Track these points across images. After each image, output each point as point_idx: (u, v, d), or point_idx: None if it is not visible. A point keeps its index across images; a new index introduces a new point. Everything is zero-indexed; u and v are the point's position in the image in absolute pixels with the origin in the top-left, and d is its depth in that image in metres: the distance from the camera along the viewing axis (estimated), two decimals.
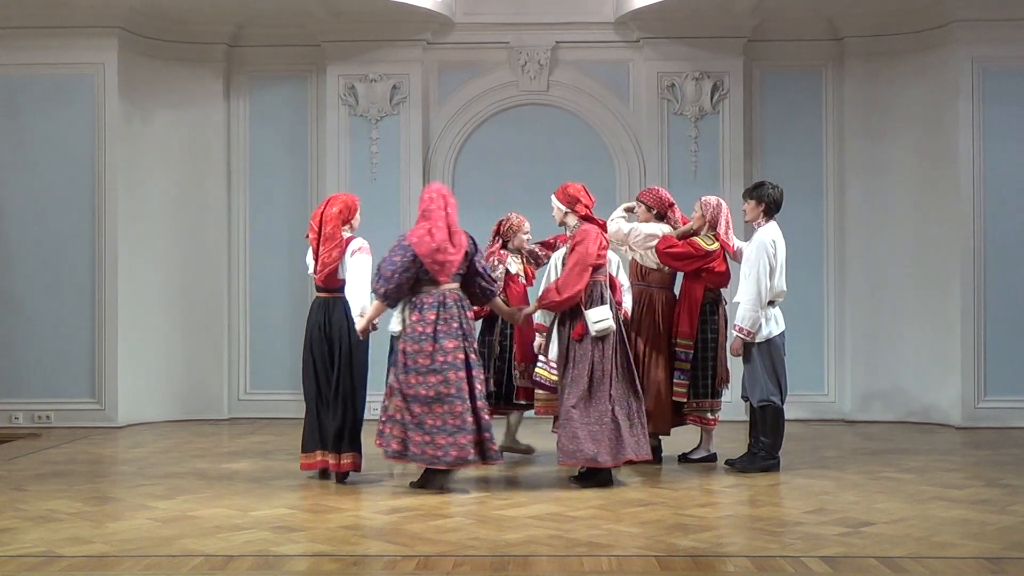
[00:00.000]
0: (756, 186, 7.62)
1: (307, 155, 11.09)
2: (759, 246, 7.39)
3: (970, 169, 10.22)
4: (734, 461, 7.57)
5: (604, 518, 5.94)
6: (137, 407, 10.51)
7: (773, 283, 7.37)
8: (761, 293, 7.33)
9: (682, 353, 7.65)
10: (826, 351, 10.79)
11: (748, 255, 7.49)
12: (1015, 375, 10.14)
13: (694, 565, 4.91)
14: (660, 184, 10.54)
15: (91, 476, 7.52)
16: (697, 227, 7.76)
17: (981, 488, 6.86)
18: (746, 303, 7.39)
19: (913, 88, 10.63)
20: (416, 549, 5.20)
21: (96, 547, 5.27)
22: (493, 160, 10.93)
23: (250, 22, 10.99)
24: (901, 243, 10.66)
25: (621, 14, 10.76)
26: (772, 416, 7.43)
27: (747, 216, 7.63)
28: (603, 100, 10.99)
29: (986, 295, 10.21)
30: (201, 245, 10.98)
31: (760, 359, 7.42)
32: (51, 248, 10.39)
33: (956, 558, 5.01)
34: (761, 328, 7.37)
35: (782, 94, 10.95)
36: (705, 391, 7.71)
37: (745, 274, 7.45)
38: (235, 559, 5.01)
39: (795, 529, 5.66)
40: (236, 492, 6.75)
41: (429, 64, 11.02)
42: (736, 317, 7.49)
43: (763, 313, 7.37)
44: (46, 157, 10.40)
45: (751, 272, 7.38)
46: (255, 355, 11.08)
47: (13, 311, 10.39)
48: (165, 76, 10.87)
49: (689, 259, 7.64)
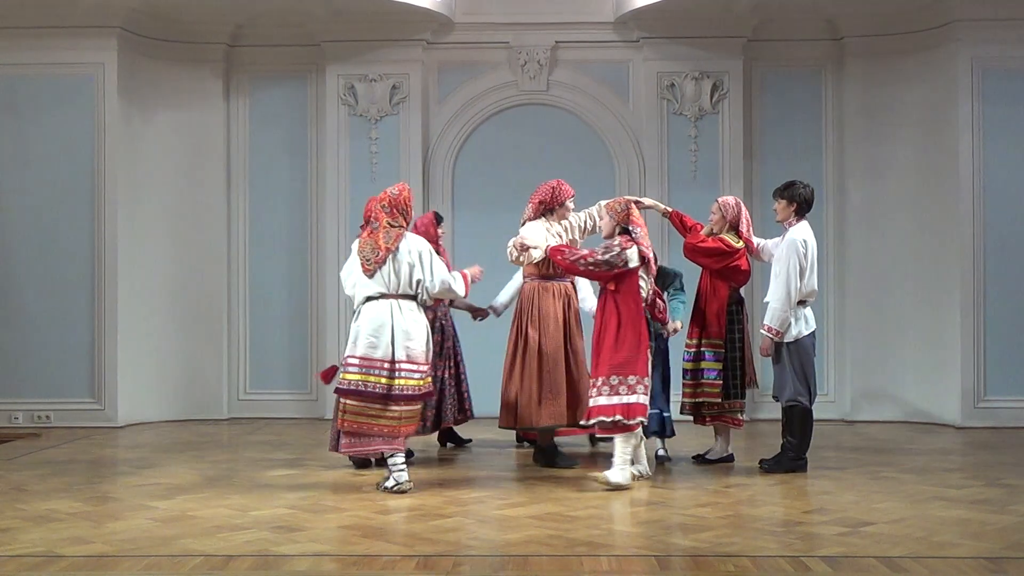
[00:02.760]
0: (787, 185, 7.55)
1: (307, 155, 11.10)
2: (789, 245, 7.36)
3: (970, 169, 10.22)
4: (764, 460, 7.58)
5: (604, 518, 5.94)
6: (137, 407, 10.51)
7: (803, 283, 7.34)
8: (791, 293, 7.30)
9: (713, 354, 7.61)
10: (826, 351, 10.77)
11: (779, 255, 7.45)
12: (1015, 375, 10.15)
13: (694, 565, 4.91)
14: (660, 184, 10.60)
15: (91, 476, 7.52)
16: (716, 229, 7.72)
17: (981, 488, 6.85)
18: (775, 303, 7.36)
19: (913, 88, 10.63)
20: (416, 549, 5.20)
21: (96, 547, 5.27)
22: (493, 160, 10.93)
23: (250, 22, 10.99)
24: (901, 243, 10.66)
25: (621, 14, 10.76)
26: (800, 417, 7.40)
27: (778, 216, 7.57)
28: (603, 100, 11.00)
29: (986, 295, 10.21)
30: (201, 245, 10.99)
31: (789, 359, 7.38)
32: (51, 248, 10.39)
33: (956, 558, 5.01)
34: (790, 328, 7.36)
35: (782, 94, 10.96)
36: (736, 392, 7.68)
37: (775, 274, 7.42)
38: (235, 559, 5.01)
39: (795, 529, 5.66)
40: (236, 492, 6.74)
41: (429, 64, 11.02)
42: (765, 317, 7.47)
43: (793, 313, 7.34)
44: (46, 157, 10.40)
45: (781, 272, 7.34)
46: (255, 355, 11.08)
47: (13, 311, 10.39)
48: (165, 76, 10.87)
49: (720, 255, 7.59)
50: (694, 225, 7.83)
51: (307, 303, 11.05)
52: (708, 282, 7.69)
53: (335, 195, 10.83)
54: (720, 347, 7.59)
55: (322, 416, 10.65)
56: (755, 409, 10.55)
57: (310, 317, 10.99)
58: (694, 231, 7.75)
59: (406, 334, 6.66)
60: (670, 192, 10.34)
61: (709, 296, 7.65)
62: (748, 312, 7.96)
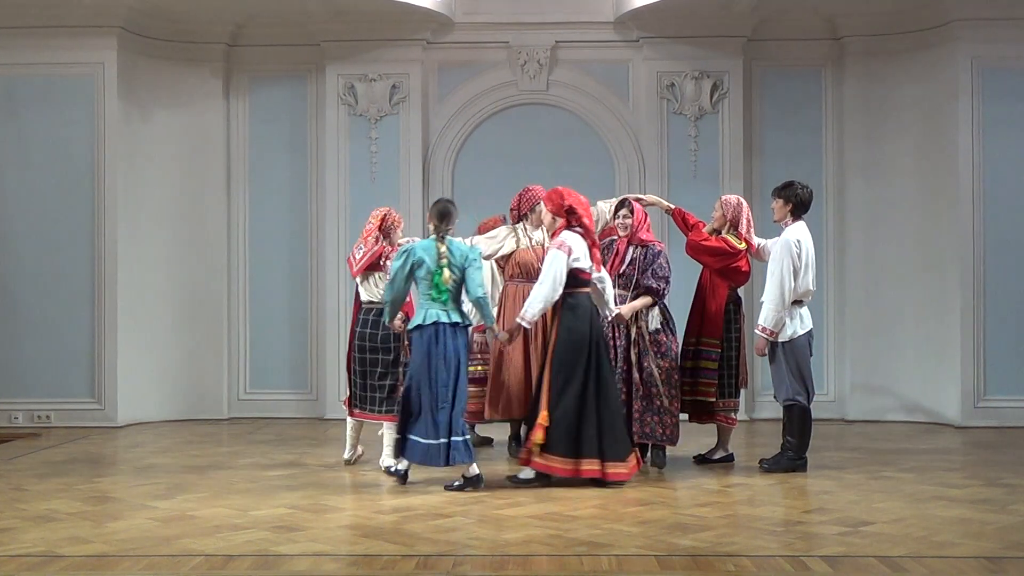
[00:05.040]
0: (784, 186, 7.55)
1: (306, 155, 11.09)
2: (783, 246, 7.36)
3: (970, 168, 10.22)
4: (764, 460, 7.58)
5: (604, 518, 5.94)
6: (137, 407, 10.51)
7: (797, 283, 7.34)
8: (785, 293, 7.31)
9: (710, 353, 7.61)
10: (826, 351, 10.77)
11: (773, 255, 7.46)
12: (1015, 375, 10.15)
13: (694, 565, 4.91)
14: (659, 183, 10.59)
15: (91, 476, 7.51)
16: (718, 227, 7.73)
17: (981, 488, 6.86)
18: (769, 303, 7.37)
19: (913, 87, 10.63)
20: (416, 549, 5.20)
21: (96, 547, 5.27)
22: (493, 160, 10.92)
23: (250, 22, 10.99)
24: (901, 242, 10.66)
25: (621, 14, 10.76)
26: (798, 416, 7.41)
27: (775, 216, 7.58)
28: (603, 100, 10.99)
29: (986, 295, 10.21)
30: (201, 245, 10.98)
31: (784, 359, 7.39)
32: (51, 248, 10.39)
33: (956, 557, 5.01)
34: (785, 327, 7.37)
35: (782, 93, 10.96)
36: (731, 391, 7.70)
37: (770, 273, 7.43)
38: (235, 559, 5.01)
39: (795, 529, 5.66)
40: (236, 492, 6.74)
41: (429, 64, 11.01)
42: (760, 317, 7.48)
43: (787, 312, 7.34)
44: (46, 157, 10.40)
45: (775, 272, 7.35)
46: (255, 355, 11.08)
47: (13, 311, 10.39)
48: (165, 76, 10.87)
49: (721, 255, 7.60)
50: (696, 223, 7.84)
51: (307, 303, 11.05)
52: (708, 281, 7.69)
53: (335, 195, 10.83)
54: (717, 346, 7.61)
55: (322, 416, 10.66)
56: (755, 409, 10.56)
57: (310, 317, 10.99)
58: (696, 229, 7.76)
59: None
60: (670, 192, 10.31)
61: (708, 295, 7.66)
62: (745, 312, 7.96)
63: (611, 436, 6.82)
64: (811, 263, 7.41)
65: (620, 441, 6.89)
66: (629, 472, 6.88)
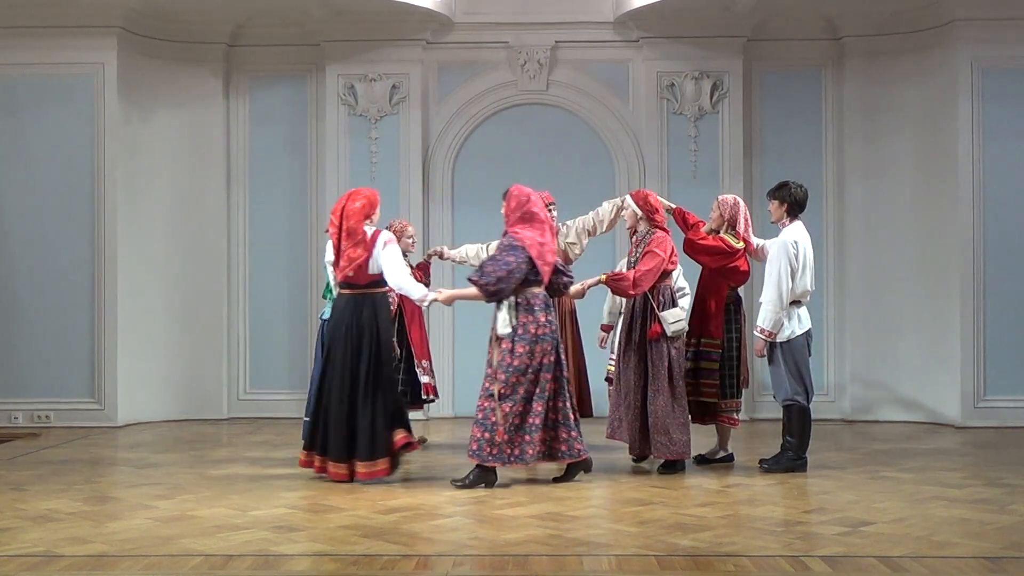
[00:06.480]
0: (779, 186, 7.56)
1: (306, 155, 11.10)
2: (780, 247, 7.36)
3: (970, 169, 10.22)
4: (764, 460, 7.58)
5: (604, 518, 5.95)
6: (137, 407, 10.51)
7: (795, 284, 7.34)
8: (782, 294, 7.30)
9: (712, 353, 7.61)
10: (826, 351, 10.78)
11: (771, 256, 7.47)
12: (1015, 375, 10.15)
13: (694, 565, 4.90)
14: (660, 183, 10.59)
15: (91, 476, 7.51)
16: (716, 227, 7.73)
17: (981, 488, 6.85)
18: (767, 304, 7.37)
19: (913, 88, 10.64)
20: (416, 549, 5.20)
21: (96, 547, 5.27)
22: (493, 160, 10.93)
23: (250, 22, 10.99)
24: (901, 243, 10.66)
25: (620, 14, 10.76)
26: (798, 416, 7.40)
27: (772, 217, 7.60)
28: (603, 100, 11.00)
29: (986, 295, 10.21)
30: (201, 245, 10.99)
31: (783, 359, 7.38)
32: (51, 248, 10.39)
33: (956, 557, 5.00)
34: (783, 328, 7.37)
35: (782, 94, 10.96)
36: (732, 391, 7.69)
37: (768, 274, 7.43)
38: (235, 559, 5.01)
39: (795, 529, 5.65)
40: (236, 492, 6.74)
41: (429, 64, 11.02)
42: (758, 318, 7.48)
43: (785, 313, 7.35)
44: (45, 157, 10.41)
45: (772, 273, 7.36)
46: (255, 355, 11.09)
47: (13, 311, 10.39)
48: (164, 76, 10.87)
49: (719, 254, 7.59)
50: (696, 222, 7.84)
51: (307, 303, 11.05)
52: (708, 281, 7.69)
53: (335, 195, 10.78)
54: (718, 347, 7.60)
55: None
56: (755, 409, 10.56)
57: (310, 317, 10.98)
58: (695, 228, 7.76)
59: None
60: (670, 192, 10.30)
61: (708, 295, 7.66)
62: (745, 312, 7.96)
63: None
64: (809, 263, 7.41)
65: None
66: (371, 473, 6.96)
